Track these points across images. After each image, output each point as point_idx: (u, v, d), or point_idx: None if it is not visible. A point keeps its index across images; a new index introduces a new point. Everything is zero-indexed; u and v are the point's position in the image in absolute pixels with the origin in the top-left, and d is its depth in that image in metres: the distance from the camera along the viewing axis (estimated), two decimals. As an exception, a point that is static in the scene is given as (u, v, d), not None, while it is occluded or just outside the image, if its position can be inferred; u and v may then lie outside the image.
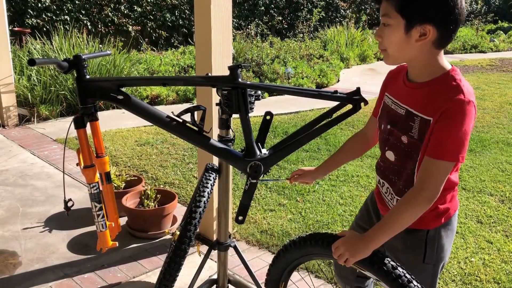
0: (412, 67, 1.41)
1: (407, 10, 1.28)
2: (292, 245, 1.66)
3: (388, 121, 1.48)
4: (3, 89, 5.31)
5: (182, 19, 10.86)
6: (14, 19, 8.29)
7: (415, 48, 1.33)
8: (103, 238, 2.11)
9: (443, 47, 1.34)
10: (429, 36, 1.30)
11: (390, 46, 1.35)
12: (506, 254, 2.90)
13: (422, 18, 1.28)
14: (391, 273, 1.38)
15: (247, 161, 1.92)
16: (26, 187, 3.78)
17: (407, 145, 1.41)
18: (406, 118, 1.39)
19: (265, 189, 3.80)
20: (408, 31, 1.30)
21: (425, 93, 1.35)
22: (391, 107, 1.47)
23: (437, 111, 1.30)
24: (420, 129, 1.35)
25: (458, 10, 1.28)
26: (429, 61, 1.35)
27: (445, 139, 1.29)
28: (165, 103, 6.56)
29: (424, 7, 1.27)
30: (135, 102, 1.90)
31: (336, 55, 10.12)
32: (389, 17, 1.32)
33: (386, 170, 1.53)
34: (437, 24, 1.28)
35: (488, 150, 4.79)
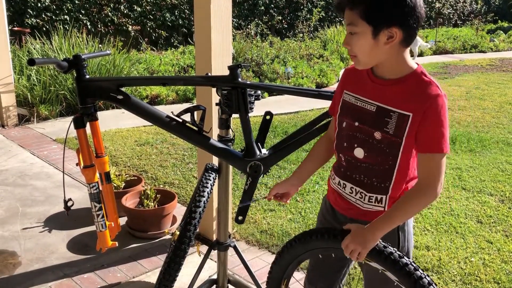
0: (381, 67, 1.44)
1: (371, 16, 1.32)
2: (296, 240, 1.66)
3: (354, 118, 1.49)
4: (3, 89, 5.31)
5: (182, 19, 10.86)
6: (14, 19, 8.28)
7: (384, 51, 1.37)
8: (102, 238, 2.11)
9: (409, 45, 1.39)
10: (396, 37, 1.34)
11: (360, 52, 1.39)
12: (506, 254, 2.90)
13: (387, 22, 1.32)
14: (398, 262, 1.43)
15: (247, 161, 1.92)
16: (25, 187, 3.78)
17: (380, 141, 1.43)
18: (377, 114, 1.42)
19: (265, 189, 3.80)
20: (375, 36, 1.34)
21: (399, 89, 1.39)
22: (356, 104, 1.48)
23: (418, 108, 1.35)
24: (397, 125, 1.39)
25: (418, 9, 1.33)
26: (397, 60, 1.40)
27: (437, 133, 1.35)
28: (165, 103, 6.55)
29: (387, 12, 1.31)
30: (134, 102, 1.90)
31: (336, 55, 10.12)
32: (355, 25, 1.35)
33: (350, 170, 1.54)
34: (402, 25, 1.33)
35: (488, 150, 4.79)
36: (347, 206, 1.60)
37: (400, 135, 1.40)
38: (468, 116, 6.12)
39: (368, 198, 1.52)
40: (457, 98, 7.13)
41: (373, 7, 1.31)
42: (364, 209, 1.54)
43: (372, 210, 1.53)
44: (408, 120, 1.37)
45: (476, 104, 6.81)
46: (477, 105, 6.73)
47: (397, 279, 1.45)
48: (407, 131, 1.38)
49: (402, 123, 1.38)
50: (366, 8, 1.31)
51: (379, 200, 1.50)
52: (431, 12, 17.18)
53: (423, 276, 1.41)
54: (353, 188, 1.54)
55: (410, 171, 1.48)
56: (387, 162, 1.45)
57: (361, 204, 1.54)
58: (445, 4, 17.65)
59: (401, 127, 1.38)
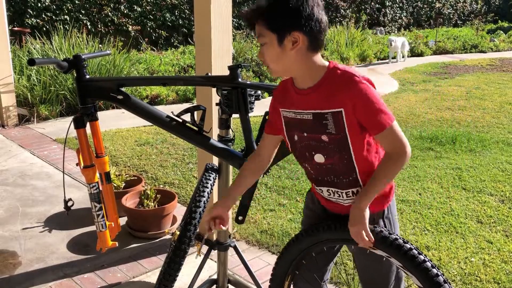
0: (298, 77, 1.51)
1: (273, 25, 1.41)
2: (303, 233, 1.68)
3: (301, 130, 1.57)
4: (3, 89, 5.31)
5: (182, 19, 10.86)
6: (14, 19, 8.28)
7: (292, 56, 1.44)
8: (103, 238, 2.11)
9: (317, 50, 1.46)
10: (300, 42, 1.42)
11: (271, 61, 1.47)
12: (506, 254, 2.90)
13: (288, 27, 1.40)
14: (402, 247, 1.48)
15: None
16: (26, 187, 3.78)
17: (329, 142, 1.51)
18: (316, 120, 1.50)
19: (265, 189, 3.80)
20: (281, 43, 1.42)
21: (322, 92, 1.47)
22: (296, 118, 1.56)
23: (345, 100, 1.43)
24: (335, 122, 1.47)
25: (316, 13, 1.41)
26: (308, 64, 1.47)
27: (376, 114, 1.43)
28: (165, 103, 6.56)
29: (286, 19, 1.40)
30: (134, 102, 1.90)
31: (336, 55, 10.12)
32: (263, 36, 1.44)
33: (319, 175, 1.61)
34: (302, 29, 1.40)
35: (488, 150, 4.79)
36: (333, 205, 1.67)
37: (342, 131, 1.47)
38: (468, 116, 6.12)
39: (345, 194, 1.59)
40: (457, 98, 7.13)
41: (273, 16, 1.41)
42: (346, 205, 1.61)
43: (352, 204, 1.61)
44: (342, 115, 1.45)
45: (476, 104, 6.81)
46: (477, 105, 6.73)
47: (401, 264, 1.50)
48: (346, 125, 1.46)
49: (339, 120, 1.46)
50: (268, 18, 1.42)
51: (356, 192, 1.57)
52: (431, 12, 17.17)
53: (427, 260, 1.46)
54: (329, 190, 1.62)
55: (369, 155, 1.54)
56: (344, 158, 1.52)
57: (342, 202, 1.61)
58: (445, 4, 17.64)
59: (340, 124, 1.47)
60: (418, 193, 3.75)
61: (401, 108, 6.51)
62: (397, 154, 1.46)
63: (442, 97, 7.19)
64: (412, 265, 1.46)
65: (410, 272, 1.49)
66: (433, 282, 1.44)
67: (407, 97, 7.21)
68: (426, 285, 1.45)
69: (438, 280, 1.44)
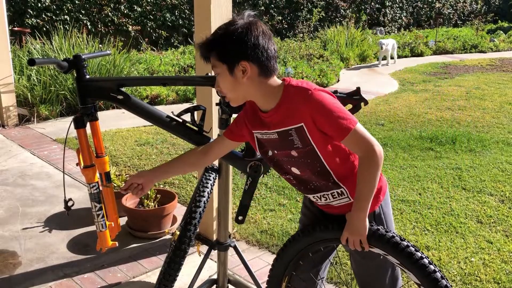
0: (258, 101, 1.57)
1: (222, 56, 1.49)
2: (300, 234, 1.69)
3: (272, 148, 1.63)
4: (3, 89, 5.31)
5: (182, 19, 10.86)
6: (14, 19, 8.28)
7: (245, 84, 1.50)
8: (103, 238, 2.11)
9: (268, 75, 1.51)
10: (248, 70, 1.47)
11: (227, 91, 1.53)
12: (506, 254, 2.90)
13: (236, 58, 1.47)
14: (399, 245, 1.49)
15: (247, 161, 1.93)
16: (26, 187, 3.78)
17: (298, 156, 1.57)
18: (282, 138, 1.55)
19: (265, 189, 3.80)
20: (232, 72, 1.49)
21: (282, 112, 1.51)
22: (264, 138, 1.62)
23: (303, 114, 1.47)
24: (300, 137, 1.51)
25: (262, 44, 1.46)
26: (263, 89, 1.52)
27: (335, 121, 1.45)
28: (165, 103, 6.56)
29: (232, 50, 1.47)
30: (135, 102, 1.90)
31: (336, 55, 10.12)
32: (216, 67, 1.52)
33: (302, 184, 1.65)
34: (249, 59, 1.46)
35: (488, 150, 4.79)
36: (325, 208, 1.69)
37: (309, 143, 1.51)
38: (468, 116, 6.12)
39: (331, 195, 1.62)
40: (457, 98, 7.13)
41: (221, 49, 1.48)
42: (337, 205, 1.64)
43: (342, 204, 1.63)
44: (304, 129, 1.49)
45: (476, 104, 6.81)
46: (477, 105, 6.73)
47: (398, 261, 1.51)
48: (310, 137, 1.50)
49: (303, 135, 1.50)
50: (217, 51, 1.49)
51: (340, 193, 1.60)
52: (431, 12, 17.18)
53: (424, 257, 1.48)
54: (315, 196, 1.65)
55: (341, 159, 1.56)
56: (317, 167, 1.56)
57: (331, 203, 1.64)
58: (445, 4, 17.65)
59: (304, 138, 1.51)
60: (418, 193, 3.75)
61: (401, 108, 6.52)
62: (367, 155, 1.47)
63: (442, 97, 7.19)
64: (410, 262, 1.48)
65: (407, 269, 1.50)
66: (431, 279, 1.45)
67: (407, 97, 7.21)
68: (424, 281, 1.47)
69: (435, 277, 1.45)
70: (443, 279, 1.45)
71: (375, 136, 4.96)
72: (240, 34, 1.45)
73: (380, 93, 7.47)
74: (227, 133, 1.72)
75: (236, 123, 1.70)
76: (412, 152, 4.71)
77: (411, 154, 4.65)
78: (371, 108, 6.44)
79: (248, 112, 1.65)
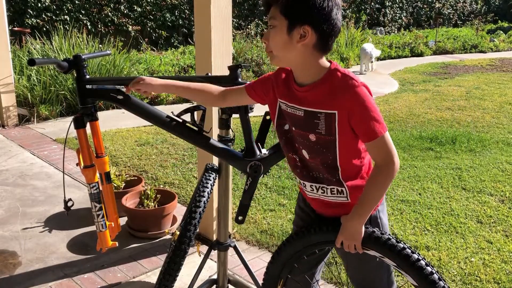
0: (297, 71, 1.52)
1: (288, 11, 1.41)
2: (294, 237, 1.66)
3: (290, 123, 1.58)
4: (3, 89, 5.31)
5: (182, 19, 10.86)
6: (14, 19, 8.28)
7: (297, 49, 1.44)
8: (103, 238, 2.11)
9: (323, 51, 1.46)
10: (308, 37, 1.41)
11: (275, 47, 1.46)
12: (506, 254, 2.90)
13: (302, 19, 1.40)
14: (396, 247, 1.48)
15: (247, 161, 1.93)
16: (26, 187, 3.78)
17: (315, 142, 1.52)
18: (307, 118, 1.50)
19: (265, 189, 3.80)
20: (290, 31, 1.42)
21: (319, 92, 1.47)
22: (287, 111, 1.57)
23: (341, 104, 1.43)
24: (327, 123, 1.47)
25: (333, 18, 1.41)
26: (310, 63, 1.47)
27: (370, 121, 1.42)
28: (165, 103, 6.56)
29: (303, 10, 1.39)
30: (135, 102, 1.90)
31: (336, 55, 10.12)
32: (274, 19, 1.44)
33: (305, 169, 1.60)
34: (315, 26, 1.40)
35: (488, 150, 4.79)
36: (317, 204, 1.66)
37: (333, 133, 1.47)
38: (468, 116, 6.12)
39: (330, 190, 1.58)
40: (457, 98, 7.13)
41: (292, 3, 1.40)
42: (329, 201, 1.60)
43: (338, 202, 1.59)
44: (335, 118, 1.45)
45: (476, 104, 6.81)
46: (477, 105, 6.73)
47: (395, 264, 1.50)
48: (337, 128, 1.46)
49: (331, 122, 1.46)
50: (286, 3, 1.40)
51: (340, 191, 1.57)
52: (431, 12, 17.18)
53: (420, 258, 1.47)
54: (312, 186, 1.61)
55: (354, 160, 1.54)
56: (328, 159, 1.52)
57: (325, 197, 1.60)
58: (445, 4, 17.65)
59: (331, 126, 1.46)
60: (418, 193, 3.75)
61: (401, 108, 6.52)
62: (386, 165, 1.45)
63: (442, 97, 7.19)
64: (407, 264, 1.47)
65: (404, 271, 1.49)
66: (428, 280, 1.45)
67: (407, 97, 7.21)
68: (421, 283, 1.46)
69: (433, 278, 1.45)
70: (441, 281, 1.45)
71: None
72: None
73: (380, 93, 7.47)
74: (248, 88, 1.68)
75: (262, 83, 1.65)
76: (412, 152, 4.71)
77: (411, 154, 4.65)
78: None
79: (281, 79, 1.59)
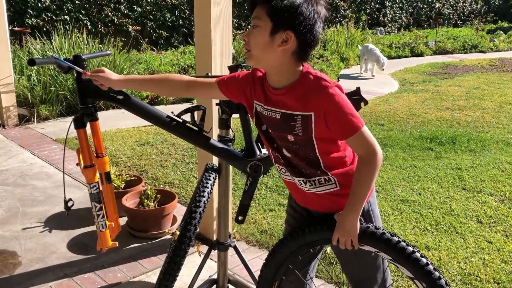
0: (271, 74, 1.53)
1: (275, 14, 1.41)
2: (288, 238, 1.66)
3: (267, 125, 1.60)
4: (3, 89, 5.31)
5: (182, 19, 10.86)
6: (14, 19, 8.29)
7: (276, 53, 1.45)
8: (103, 238, 2.11)
9: (301, 59, 1.48)
10: (289, 43, 1.43)
11: (255, 47, 1.47)
12: (506, 254, 2.90)
13: (287, 24, 1.41)
14: (391, 241, 1.51)
15: (247, 161, 1.93)
16: (26, 187, 3.78)
17: (293, 142, 1.55)
18: (284, 120, 1.52)
19: (265, 189, 3.80)
20: (273, 34, 1.43)
21: (294, 95, 1.49)
22: (264, 114, 1.58)
23: (315, 105, 1.46)
24: (303, 125, 1.49)
25: (316, 29, 1.45)
26: (286, 68, 1.48)
27: (345, 118, 1.45)
28: (165, 103, 6.56)
29: (290, 15, 1.40)
30: (135, 102, 1.90)
31: (336, 55, 10.12)
32: (259, 19, 1.44)
33: (290, 166, 1.62)
34: (297, 34, 1.42)
35: (488, 150, 4.79)
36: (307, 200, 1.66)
37: (309, 133, 1.50)
38: (468, 116, 6.12)
39: (317, 181, 1.59)
40: (457, 98, 7.13)
41: (281, 7, 1.40)
42: (320, 193, 1.60)
43: (328, 192, 1.59)
44: (311, 119, 1.47)
45: (476, 104, 6.81)
46: (477, 105, 6.73)
47: (390, 257, 1.52)
48: (313, 128, 1.48)
49: (307, 124, 1.48)
50: (273, 6, 1.41)
51: (328, 179, 1.58)
52: (431, 12, 17.17)
53: (416, 250, 1.50)
54: (300, 180, 1.61)
55: (333, 153, 1.56)
56: (309, 155, 1.55)
57: (315, 190, 1.61)
58: (445, 4, 17.65)
59: (307, 127, 1.49)
60: (418, 193, 3.75)
61: (401, 108, 6.52)
62: (368, 156, 1.48)
63: (442, 97, 7.19)
64: (403, 257, 1.49)
65: (400, 264, 1.51)
66: (425, 271, 1.48)
67: (407, 97, 7.21)
68: (418, 274, 1.49)
69: (429, 269, 1.48)
70: (436, 271, 1.49)
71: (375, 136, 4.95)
72: (307, 9, 1.41)
73: (380, 93, 7.47)
74: (220, 83, 1.67)
75: (236, 82, 1.65)
76: (412, 152, 4.71)
77: (411, 154, 4.65)
78: (371, 108, 6.44)
79: (255, 81, 1.60)
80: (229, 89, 1.66)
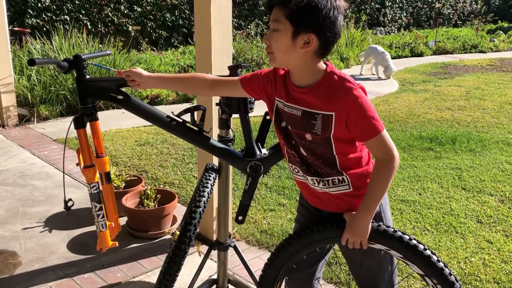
0: (295, 73, 1.54)
1: (295, 18, 1.40)
2: (295, 237, 1.65)
3: (288, 123, 1.60)
4: (3, 89, 5.31)
5: (182, 19, 10.86)
6: (14, 19, 8.29)
7: (299, 54, 1.45)
8: (103, 238, 2.11)
9: (322, 56, 1.49)
10: (312, 44, 1.43)
11: (277, 50, 1.47)
12: (506, 254, 2.90)
13: (308, 27, 1.41)
14: (402, 238, 1.53)
15: (247, 161, 1.93)
16: (26, 187, 3.78)
17: (311, 141, 1.55)
18: (304, 118, 1.53)
19: (265, 189, 3.80)
20: (294, 37, 1.43)
21: (317, 93, 1.49)
22: (285, 111, 1.58)
23: (339, 106, 1.46)
24: (323, 125, 1.50)
25: (337, 26, 1.44)
26: (309, 67, 1.49)
27: (367, 121, 1.46)
28: (165, 103, 6.56)
29: (310, 18, 1.40)
30: (135, 102, 1.90)
31: (336, 55, 10.12)
32: (278, 22, 1.43)
33: (304, 165, 1.62)
34: (319, 34, 1.42)
35: (488, 150, 4.79)
36: (318, 199, 1.66)
37: (328, 133, 1.50)
38: (468, 116, 6.12)
39: (331, 181, 1.59)
40: (457, 98, 7.13)
41: (300, 10, 1.39)
42: (333, 194, 1.61)
43: (341, 192, 1.59)
44: (332, 119, 1.48)
45: (476, 104, 6.81)
46: (477, 105, 6.73)
47: (401, 255, 1.54)
48: (333, 128, 1.49)
49: (327, 123, 1.49)
50: (293, 10, 1.40)
51: (341, 180, 1.58)
52: (431, 12, 17.17)
53: (427, 248, 1.53)
54: (314, 179, 1.61)
55: (350, 154, 1.56)
56: (325, 154, 1.56)
57: (328, 190, 1.61)
58: (445, 4, 17.65)
59: (327, 127, 1.49)
60: (418, 193, 3.75)
61: (401, 108, 6.52)
62: (386, 160, 1.49)
63: (442, 97, 7.19)
64: (414, 254, 1.52)
65: (411, 262, 1.54)
66: (437, 268, 1.51)
67: (407, 97, 7.21)
68: (429, 271, 1.52)
69: (440, 266, 1.51)
70: (446, 267, 1.51)
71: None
72: (325, 7, 1.39)
73: (380, 93, 7.47)
74: (243, 81, 1.69)
75: (259, 79, 1.66)
76: (412, 152, 4.71)
77: (411, 154, 4.65)
78: (371, 108, 6.43)
79: (279, 77, 1.60)
80: (252, 86, 1.68)
